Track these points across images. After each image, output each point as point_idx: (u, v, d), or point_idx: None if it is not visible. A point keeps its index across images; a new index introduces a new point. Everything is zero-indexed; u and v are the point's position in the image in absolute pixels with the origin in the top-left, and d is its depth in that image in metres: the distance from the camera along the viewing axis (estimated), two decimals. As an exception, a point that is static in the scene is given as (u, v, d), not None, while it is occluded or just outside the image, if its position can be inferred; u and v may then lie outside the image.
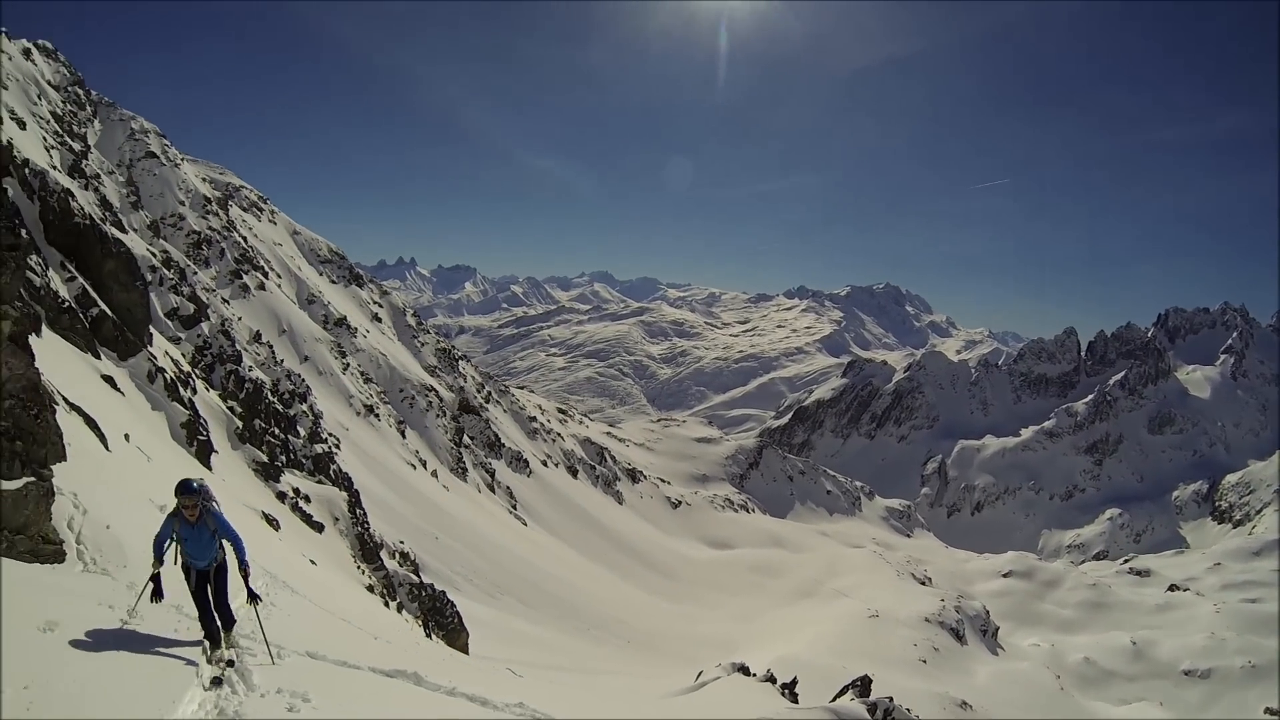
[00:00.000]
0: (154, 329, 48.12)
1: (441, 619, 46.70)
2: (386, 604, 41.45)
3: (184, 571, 9.76)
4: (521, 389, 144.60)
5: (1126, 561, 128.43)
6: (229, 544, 9.74)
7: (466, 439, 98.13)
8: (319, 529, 47.24)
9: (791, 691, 33.73)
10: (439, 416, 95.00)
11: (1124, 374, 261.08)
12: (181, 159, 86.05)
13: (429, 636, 38.72)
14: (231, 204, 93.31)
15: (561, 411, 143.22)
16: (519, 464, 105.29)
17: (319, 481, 55.38)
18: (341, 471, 61.09)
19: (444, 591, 51.97)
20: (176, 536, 9.54)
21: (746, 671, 34.35)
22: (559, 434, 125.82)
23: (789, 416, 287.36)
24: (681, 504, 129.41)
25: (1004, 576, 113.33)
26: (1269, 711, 72.88)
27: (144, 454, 27.88)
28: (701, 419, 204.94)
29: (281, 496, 47.99)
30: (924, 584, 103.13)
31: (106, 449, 23.38)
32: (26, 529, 13.46)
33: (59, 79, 70.28)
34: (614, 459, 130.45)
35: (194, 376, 50.01)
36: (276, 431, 56.75)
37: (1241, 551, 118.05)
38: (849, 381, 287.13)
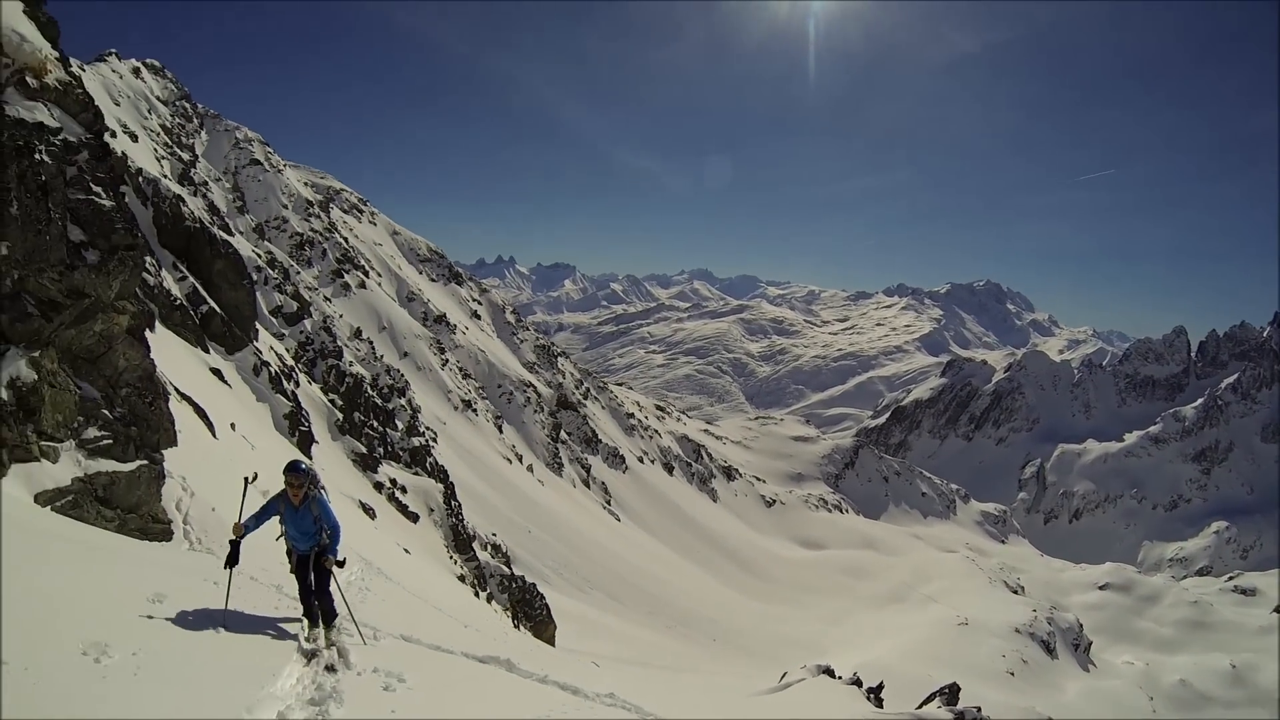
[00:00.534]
0: (259, 325, 49.83)
1: (530, 610, 47.31)
2: (477, 594, 42.22)
3: (286, 554, 9.81)
4: (620, 386, 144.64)
5: (1231, 579, 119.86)
6: (327, 532, 9.68)
7: (563, 434, 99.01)
8: (414, 519, 48.29)
9: (877, 696, 33.30)
10: (537, 412, 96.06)
11: (1237, 377, 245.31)
12: (284, 165, 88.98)
13: (517, 627, 39.36)
14: (333, 206, 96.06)
15: (659, 408, 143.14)
16: (615, 460, 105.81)
17: (415, 473, 56.59)
18: (438, 464, 62.28)
19: (534, 584, 52.62)
20: (281, 518, 9.57)
21: (831, 674, 34.06)
22: (656, 431, 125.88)
23: (886, 416, 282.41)
24: (775, 502, 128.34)
25: (1100, 589, 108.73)
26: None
27: (249, 442, 29.00)
28: (799, 417, 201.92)
29: (379, 487, 49.26)
30: (1016, 593, 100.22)
31: (214, 437, 24.43)
32: (138, 508, 14.38)
33: (167, 94, 74.01)
34: (710, 456, 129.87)
35: (297, 370, 51.61)
36: (375, 424, 58.18)
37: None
38: (948, 381, 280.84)
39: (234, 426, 28.74)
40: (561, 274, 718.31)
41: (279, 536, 9.72)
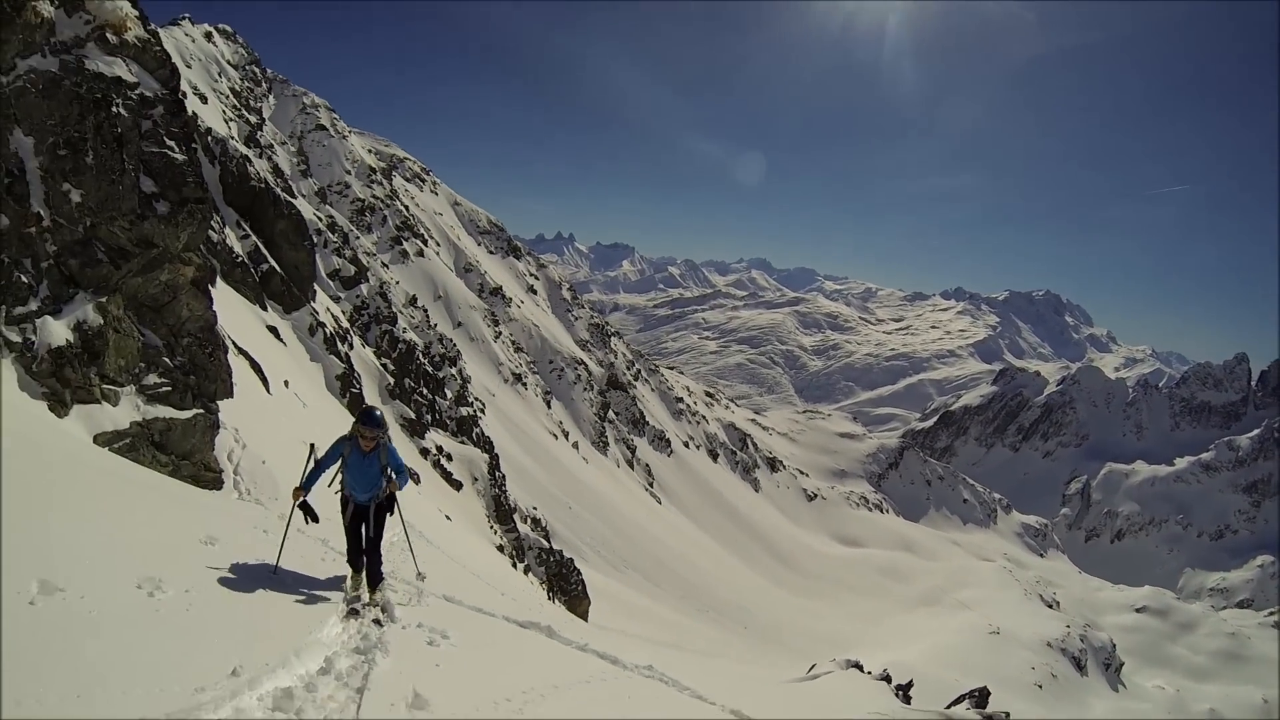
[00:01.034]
0: (317, 287, 50.52)
1: (566, 585, 47.68)
2: (514, 565, 42.63)
3: (341, 503, 9.32)
4: (671, 369, 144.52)
5: (1272, 614, 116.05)
6: (395, 478, 9.20)
7: (611, 414, 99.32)
8: (457, 487, 48.81)
9: (905, 694, 33.31)
10: (586, 390, 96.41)
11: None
12: (349, 132, 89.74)
13: (552, 600, 39.68)
14: (395, 174, 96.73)
15: (709, 395, 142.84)
16: (661, 443, 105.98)
17: (461, 442, 57.17)
18: (484, 435, 62.84)
19: (571, 559, 52.99)
20: (344, 463, 9.08)
21: (860, 669, 34.06)
22: (704, 416, 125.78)
23: (934, 420, 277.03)
24: (817, 497, 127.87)
25: (1137, 611, 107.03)
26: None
27: (300, 400, 29.54)
28: (847, 414, 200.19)
29: (424, 453, 49.85)
30: (1051, 607, 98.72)
31: (268, 392, 24.91)
32: (192, 455, 14.78)
33: (237, 59, 75.33)
34: (755, 446, 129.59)
35: (351, 333, 52.26)
36: (425, 391, 58.82)
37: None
38: (999, 390, 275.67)
39: (287, 384, 29.30)
40: (620, 254, 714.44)
41: (331, 482, 9.22)
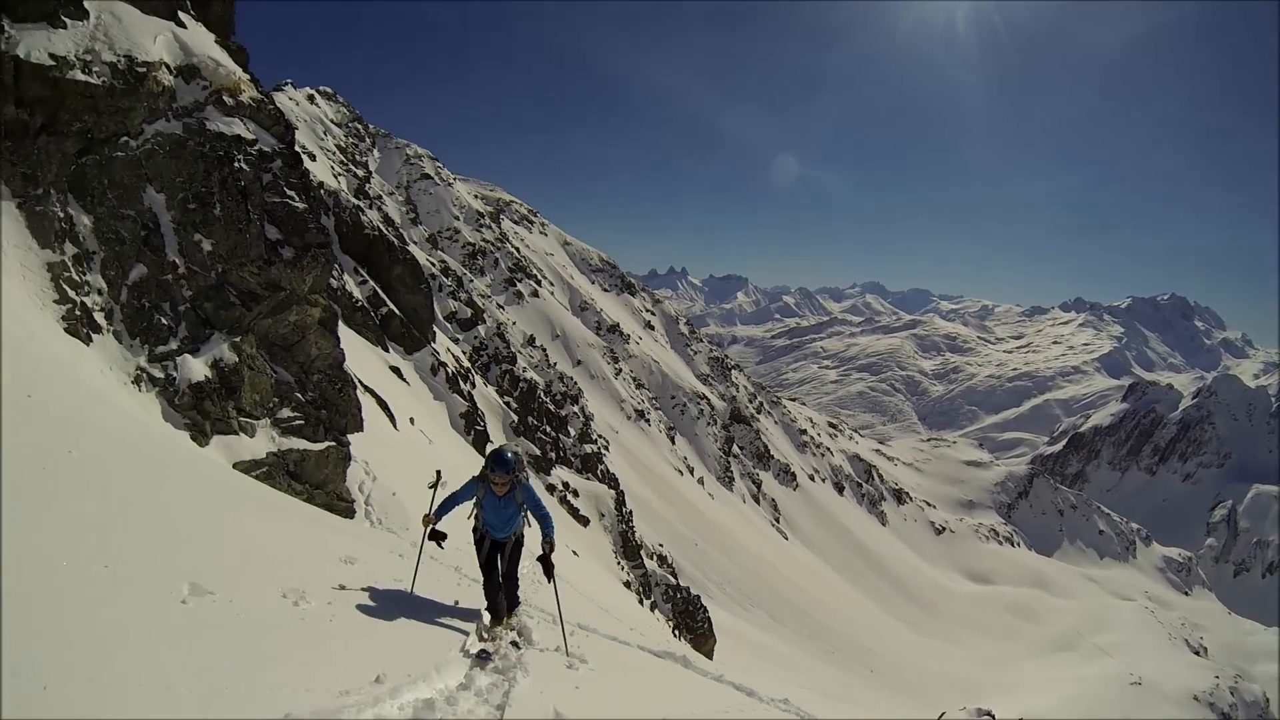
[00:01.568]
0: (436, 329, 51.72)
1: (692, 623, 47.35)
2: (640, 601, 42.58)
3: (476, 539, 8.85)
4: (793, 401, 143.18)
5: None
6: (537, 522, 8.73)
7: (735, 448, 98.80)
8: (584, 523, 49.12)
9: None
10: (709, 425, 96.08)
11: None
12: (454, 179, 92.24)
13: (678, 638, 39.47)
14: (503, 218, 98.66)
15: (832, 426, 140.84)
16: (786, 477, 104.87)
17: (587, 478, 57.50)
18: (609, 472, 63.18)
19: (698, 596, 52.61)
20: (478, 503, 8.62)
21: (992, 718, 32.83)
22: (828, 448, 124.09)
23: (1063, 443, 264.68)
24: (945, 530, 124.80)
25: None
26: None
27: (426, 437, 30.22)
28: (972, 440, 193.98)
29: (551, 489, 50.35)
30: (1198, 654, 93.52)
31: (395, 428, 25.59)
32: (325, 485, 15.34)
33: (340, 117, 78.68)
34: (881, 477, 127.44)
35: (473, 373, 53.21)
36: (548, 429, 59.51)
37: None
38: (1129, 407, 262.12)
39: (413, 421, 30.06)
40: (734, 286, 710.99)
41: (471, 515, 8.74)
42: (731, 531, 78.21)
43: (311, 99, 75.09)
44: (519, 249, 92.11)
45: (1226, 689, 74.91)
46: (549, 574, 8.92)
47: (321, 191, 47.47)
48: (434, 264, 64.84)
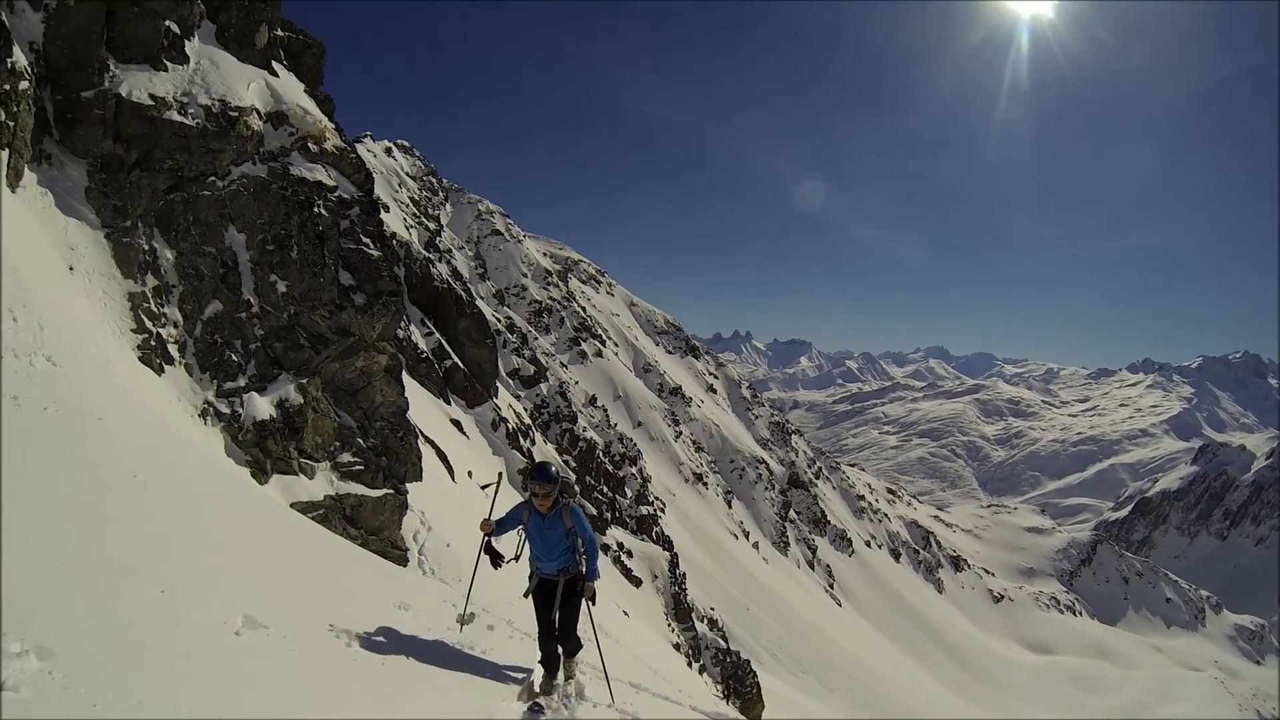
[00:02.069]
0: (499, 384, 52.09)
1: (741, 688, 46.55)
2: (689, 664, 42.01)
3: (530, 583, 8.17)
4: (852, 466, 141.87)
5: None
6: (583, 548, 8.04)
7: (792, 513, 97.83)
8: (637, 583, 48.78)
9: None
10: (767, 489, 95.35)
11: None
12: (523, 236, 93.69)
13: (727, 702, 38.77)
14: (571, 276, 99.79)
15: (890, 492, 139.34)
16: (842, 542, 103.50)
17: (642, 539, 57.24)
18: (664, 534, 62.82)
19: (748, 660, 51.80)
20: (524, 531, 8.09)
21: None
22: (885, 514, 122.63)
23: (1129, 509, 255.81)
24: (1004, 598, 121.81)
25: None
26: None
27: (486, 493, 30.21)
28: (1033, 507, 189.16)
29: (605, 549, 50.17)
30: None
31: (453, 480, 25.65)
32: (380, 532, 15.38)
33: (415, 170, 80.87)
34: (939, 544, 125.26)
35: (533, 430, 53.40)
36: (605, 489, 59.49)
37: None
38: (1199, 470, 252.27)
39: (471, 474, 30.11)
40: (797, 350, 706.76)
41: (517, 555, 8.31)
42: (784, 597, 77.20)
43: (389, 151, 77.02)
44: (585, 308, 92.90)
45: (1300, 762, 71.56)
46: (569, 604, 7.99)
47: (394, 242, 48.41)
48: (500, 320, 65.56)
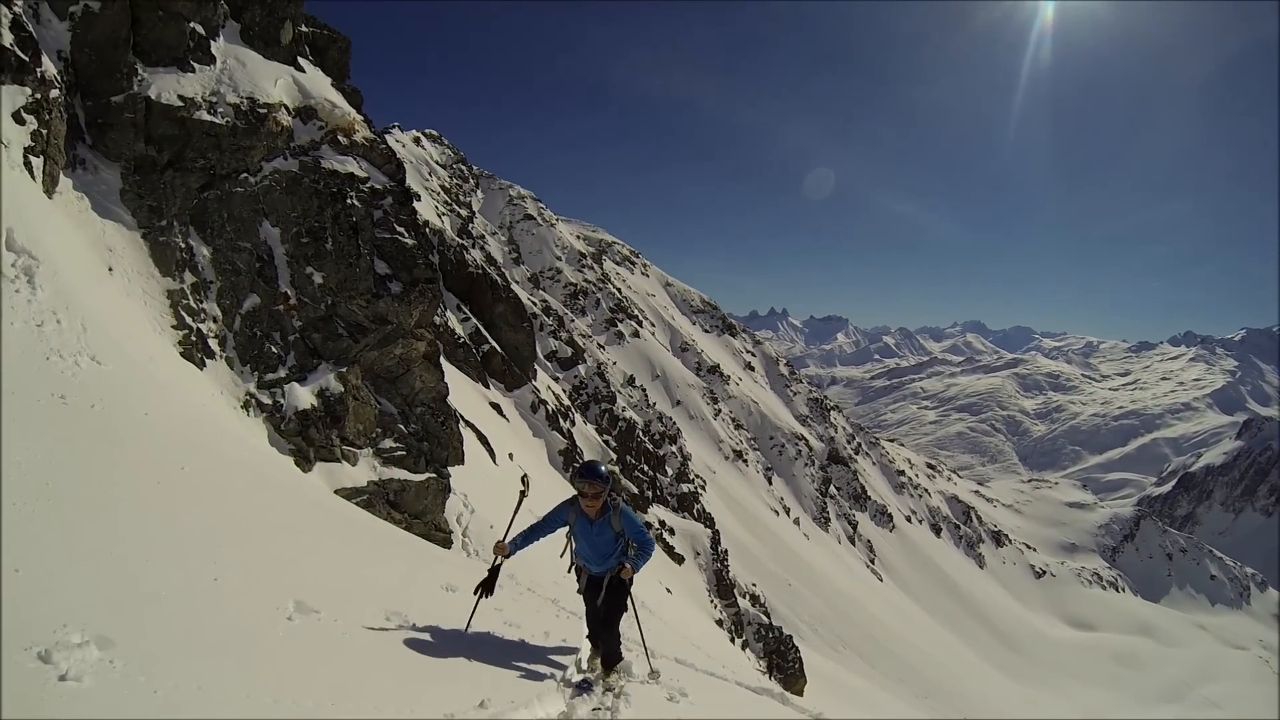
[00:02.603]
0: (537, 367, 52.29)
1: (783, 663, 46.56)
2: (732, 640, 42.11)
3: (575, 572, 7.95)
4: (891, 442, 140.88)
5: None
6: (631, 560, 7.59)
7: (832, 489, 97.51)
8: (679, 560, 48.90)
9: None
10: (807, 465, 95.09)
11: None
12: (556, 220, 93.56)
13: (768, 677, 38.87)
14: (605, 258, 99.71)
15: (930, 467, 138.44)
16: (883, 518, 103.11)
17: (683, 517, 57.34)
18: (705, 511, 62.82)
19: (790, 636, 51.79)
20: (570, 533, 7.68)
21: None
22: (926, 490, 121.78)
23: (1172, 484, 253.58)
24: (1045, 574, 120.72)
25: None
26: None
27: (524, 472, 30.45)
28: (1075, 481, 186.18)
29: (648, 526, 50.23)
30: None
31: (494, 463, 25.88)
32: (423, 516, 15.60)
33: (444, 158, 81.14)
34: (979, 519, 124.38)
35: (572, 411, 53.58)
36: (646, 468, 59.60)
37: None
38: (1244, 445, 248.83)
39: (512, 456, 30.40)
40: (834, 326, 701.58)
41: (564, 553, 7.86)
42: (825, 572, 77.05)
43: (418, 141, 77.30)
44: (620, 290, 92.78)
45: (1348, 746, 70.49)
46: (614, 601, 7.65)
47: (426, 230, 48.64)
48: (535, 303, 65.73)
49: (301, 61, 16.43)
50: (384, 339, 15.82)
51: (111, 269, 11.68)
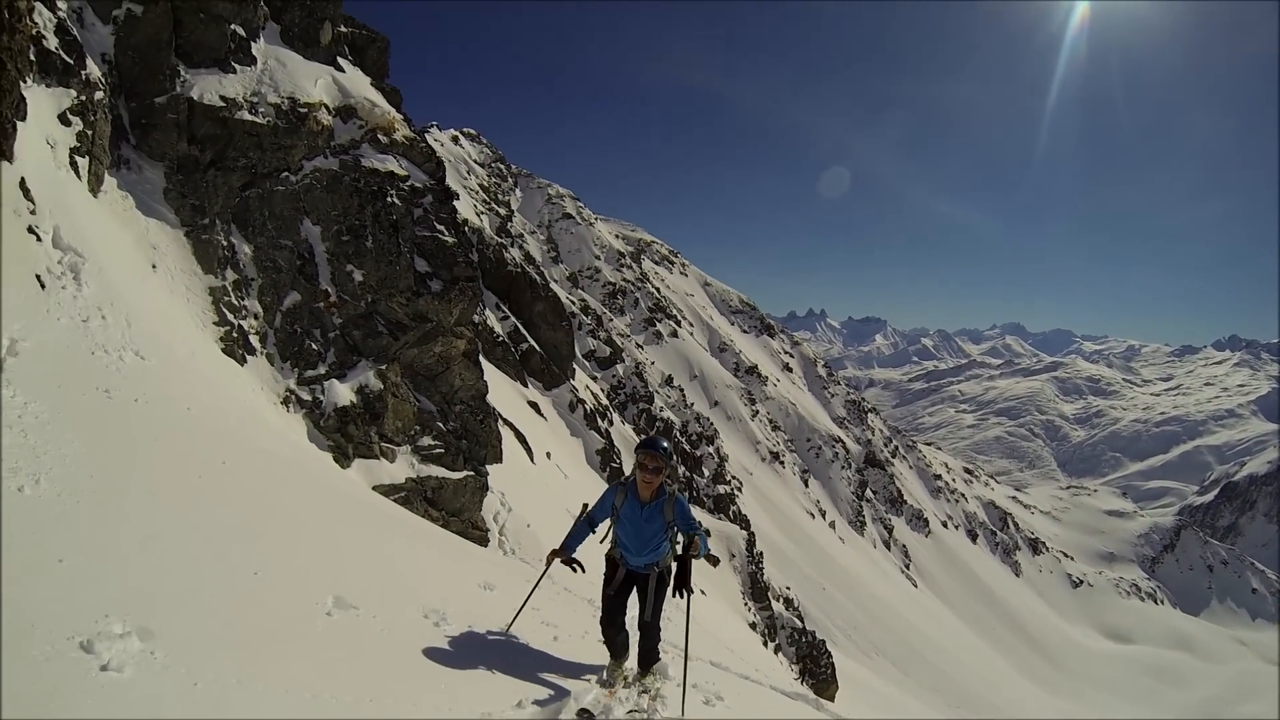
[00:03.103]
0: (575, 366, 52.39)
1: (815, 668, 46.36)
2: (765, 643, 41.94)
3: (607, 566, 7.26)
4: (928, 445, 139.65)
5: None
6: (689, 539, 7.15)
7: (869, 492, 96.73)
8: (714, 563, 48.75)
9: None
10: (844, 468, 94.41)
11: None
12: (595, 219, 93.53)
13: (801, 682, 38.68)
14: (644, 258, 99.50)
15: (968, 471, 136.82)
16: (918, 523, 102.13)
17: (719, 519, 57.18)
18: (741, 513, 62.64)
19: (823, 640, 51.50)
20: (615, 516, 7.08)
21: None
22: (963, 495, 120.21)
23: (1214, 493, 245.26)
24: (1082, 584, 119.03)
25: None
26: None
27: (562, 471, 30.54)
28: (1114, 489, 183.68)
29: (691, 523, 50.28)
30: None
31: (531, 462, 25.95)
32: (461, 513, 15.65)
33: (483, 157, 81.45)
34: (1016, 526, 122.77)
35: (610, 410, 53.62)
36: (683, 469, 59.46)
37: None
38: None
39: (549, 455, 30.49)
40: (872, 328, 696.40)
41: (605, 537, 7.26)
42: (860, 577, 76.53)
43: (456, 140, 77.63)
44: (659, 289, 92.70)
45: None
46: (683, 584, 7.16)
47: (466, 228, 48.87)
48: (574, 302, 65.87)
49: (341, 61, 16.59)
50: (424, 337, 15.92)
51: (155, 266, 11.84)
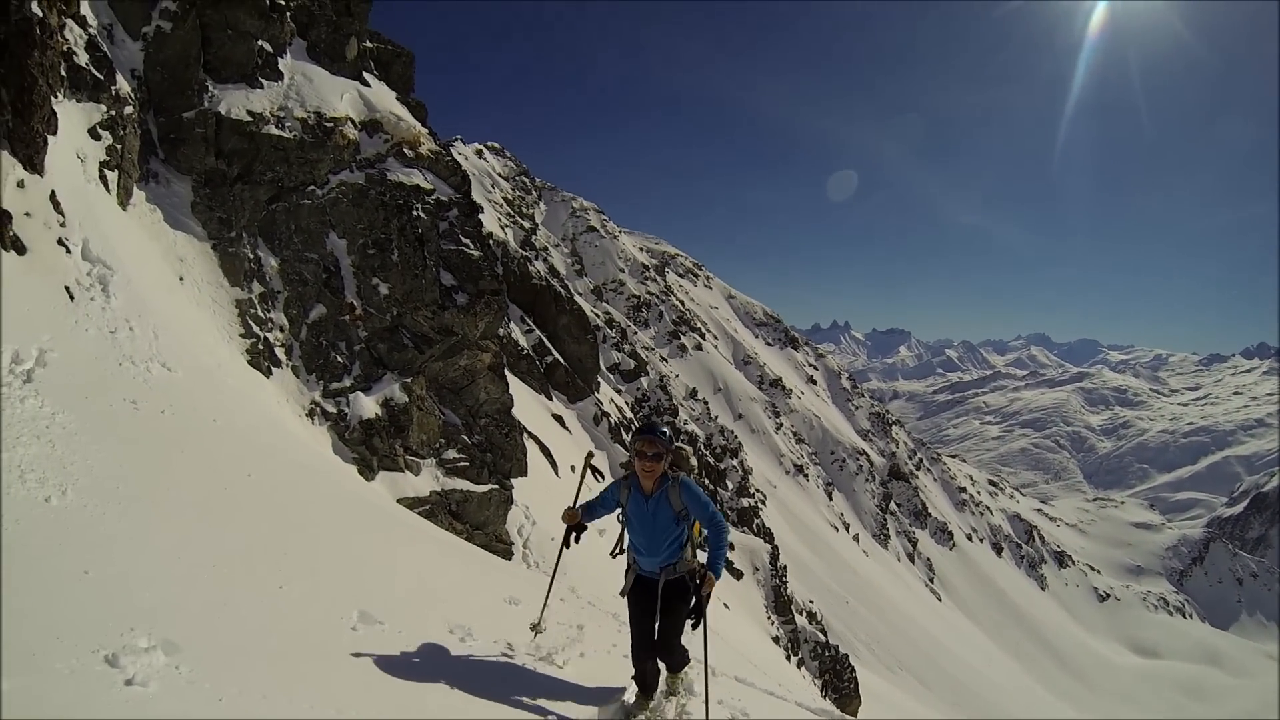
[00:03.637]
0: (600, 379, 52.37)
1: (838, 682, 46.04)
2: (788, 657, 41.72)
3: (625, 581, 6.47)
4: (953, 458, 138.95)
5: None
6: (705, 529, 6.17)
7: (893, 505, 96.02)
8: (738, 576, 48.54)
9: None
10: (868, 481, 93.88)
11: None
12: (619, 231, 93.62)
13: (824, 697, 38.43)
14: (668, 270, 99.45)
15: (992, 484, 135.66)
16: (943, 535, 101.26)
17: (743, 532, 56.97)
18: (764, 526, 62.35)
19: (846, 655, 51.17)
20: (623, 514, 6.32)
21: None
22: (987, 507, 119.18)
23: (1244, 504, 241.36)
24: (1109, 598, 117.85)
25: None
26: None
27: (595, 475, 30.47)
28: (1141, 501, 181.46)
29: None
30: None
31: (556, 475, 25.92)
32: (485, 526, 15.67)
33: (507, 171, 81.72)
34: (1042, 539, 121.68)
35: (635, 423, 53.49)
36: (706, 482, 59.25)
37: None
38: None
39: (574, 469, 30.38)
40: (896, 340, 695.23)
41: (615, 550, 6.68)
42: (883, 590, 75.95)
43: (480, 154, 77.95)
44: (683, 302, 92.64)
45: None
46: (697, 615, 5.96)
47: (491, 242, 49.00)
48: (599, 315, 65.88)
49: (367, 76, 16.72)
50: (449, 350, 15.99)
51: (182, 278, 11.96)
